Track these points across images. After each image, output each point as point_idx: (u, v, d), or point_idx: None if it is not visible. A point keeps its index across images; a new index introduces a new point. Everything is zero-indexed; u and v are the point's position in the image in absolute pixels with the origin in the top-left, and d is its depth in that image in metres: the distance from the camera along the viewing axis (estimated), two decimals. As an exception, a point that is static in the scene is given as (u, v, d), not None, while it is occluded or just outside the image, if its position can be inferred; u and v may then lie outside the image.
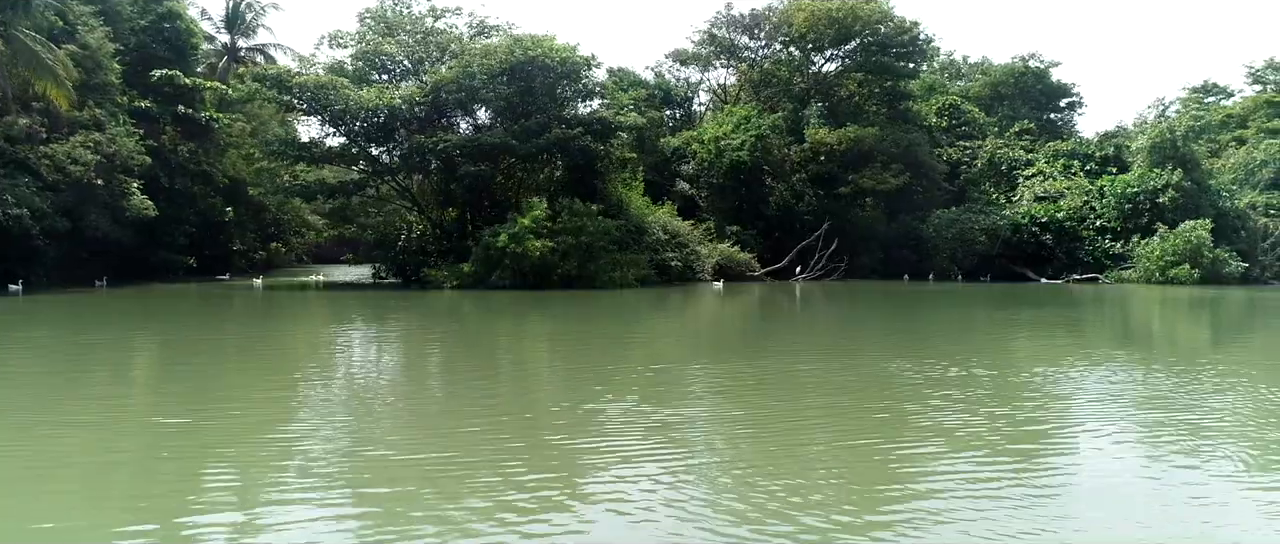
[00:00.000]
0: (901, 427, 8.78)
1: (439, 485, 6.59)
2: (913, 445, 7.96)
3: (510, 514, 5.88)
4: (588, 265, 32.27)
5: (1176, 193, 39.65)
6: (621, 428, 8.61)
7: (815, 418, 9.41)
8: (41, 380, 12.23)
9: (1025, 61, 58.92)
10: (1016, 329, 20.84)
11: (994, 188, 48.10)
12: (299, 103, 36.20)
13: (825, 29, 46.83)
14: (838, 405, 10.08)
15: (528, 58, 35.04)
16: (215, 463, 7.40)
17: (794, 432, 8.59)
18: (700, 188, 44.57)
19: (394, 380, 12.33)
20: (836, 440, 8.22)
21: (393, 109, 34.69)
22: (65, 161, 32.47)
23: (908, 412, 9.45)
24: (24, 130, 32.03)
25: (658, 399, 10.12)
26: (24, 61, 32.93)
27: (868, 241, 44.60)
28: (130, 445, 8.02)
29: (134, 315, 24.62)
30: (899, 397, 10.32)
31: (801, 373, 12.63)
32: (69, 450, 7.76)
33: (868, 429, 8.68)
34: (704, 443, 8.16)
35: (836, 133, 44.99)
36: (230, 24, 52.55)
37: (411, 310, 25.38)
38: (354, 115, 35.75)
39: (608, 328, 21.13)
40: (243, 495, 6.50)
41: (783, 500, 6.16)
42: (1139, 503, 6.19)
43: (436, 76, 35.04)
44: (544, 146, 34.87)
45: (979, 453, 7.63)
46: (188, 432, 8.48)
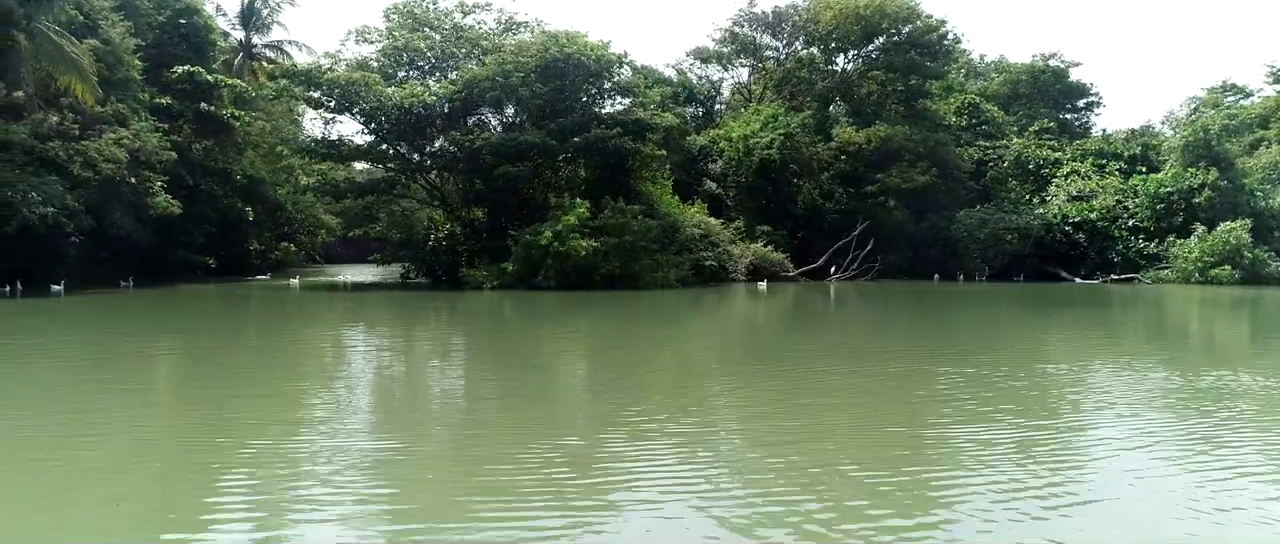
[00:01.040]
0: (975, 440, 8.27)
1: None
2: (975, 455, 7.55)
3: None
4: (630, 266, 31.68)
5: (1212, 192, 39.38)
6: (720, 433, 8.47)
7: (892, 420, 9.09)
8: (177, 393, 11.57)
9: (1045, 60, 58.65)
10: (1081, 331, 20.38)
11: (1020, 187, 47.76)
12: (328, 99, 35.42)
13: (851, 26, 46.39)
14: (923, 414, 9.53)
15: (564, 55, 34.44)
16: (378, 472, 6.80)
17: (878, 441, 8.23)
18: (727, 187, 44.04)
19: (509, 389, 11.73)
20: (914, 449, 7.81)
21: (426, 106, 33.99)
22: (97, 158, 31.63)
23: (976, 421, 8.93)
24: (54, 127, 31.17)
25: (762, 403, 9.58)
26: (47, 56, 32.10)
27: (896, 241, 44.18)
28: (304, 462, 7.40)
29: (197, 318, 23.81)
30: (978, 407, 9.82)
31: (895, 376, 12.08)
32: (226, 457, 7.27)
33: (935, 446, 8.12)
34: (776, 451, 7.75)
35: (865, 132, 44.57)
36: (245, 21, 51.70)
37: (472, 314, 24.72)
38: (383, 113, 35.03)
39: (673, 329, 20.58)
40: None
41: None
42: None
43: (470, 73, 34.31)
44: (581, 146, 34.25)
45: (1043, 466, 7.12)
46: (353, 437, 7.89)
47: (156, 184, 35.95)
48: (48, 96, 32.96)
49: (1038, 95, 58.32)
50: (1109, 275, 40.96)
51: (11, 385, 11.47)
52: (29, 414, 9.52)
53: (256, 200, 46.36)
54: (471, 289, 31.99)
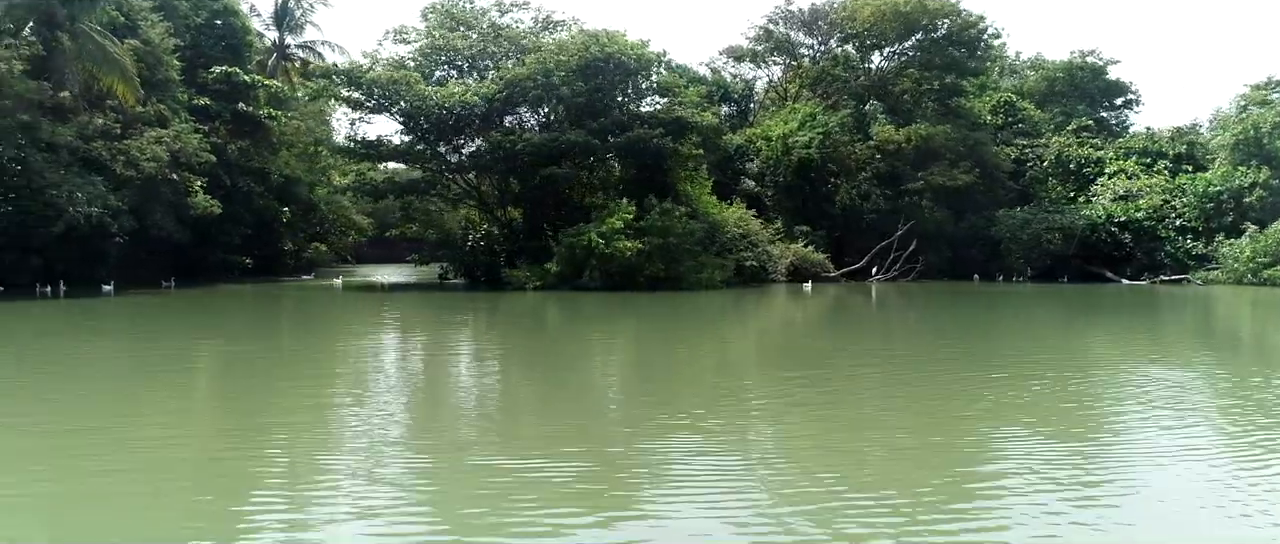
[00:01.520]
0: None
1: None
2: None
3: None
4: (674, 267, 31.32)
5: (1264, 192, 38.49)
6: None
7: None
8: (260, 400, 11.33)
9: (1083, 57, 57.67)
10: (1138, 334, 19.81)
11: (1061, 186, 46.95)
12: (367, 99, 35.27)
13: (890, 23, 45.76)
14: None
15: (605, 54, 34.12)
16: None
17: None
18: (765, 186, 43.55)
19: (598, 394, 11.40)
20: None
21: (466, 106, 33.76)
22: (139, 157, 31.64)
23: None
24: (99, 128, 31.19)
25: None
26: (90, 57, 32.13)
27: (935, 241, 43.54)
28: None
29: (267, 319, 23.77)
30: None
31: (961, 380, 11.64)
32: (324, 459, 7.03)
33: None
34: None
35: (905, 130, 43.93)
36: (279, 21, 51.74)
37: (524, 315, 24.46)
38: (423, 113, 34.82)
39: (735, 330, 20.19)
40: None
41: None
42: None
43: (511, 72, 34.01)
44: (623, 146, 33.90)
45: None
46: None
47: (196, 184, 35.97)
48: (91, 98, 33.02)
49: (1074, 93, 57.38)
50: (1157, 276, 40.13)
51: (160, 398, 11.17)
52: (168, 421, 9.34)
53: (291, 200, 46.34)
54: (513, 290, 31.73)
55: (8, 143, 28.92)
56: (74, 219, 29.24)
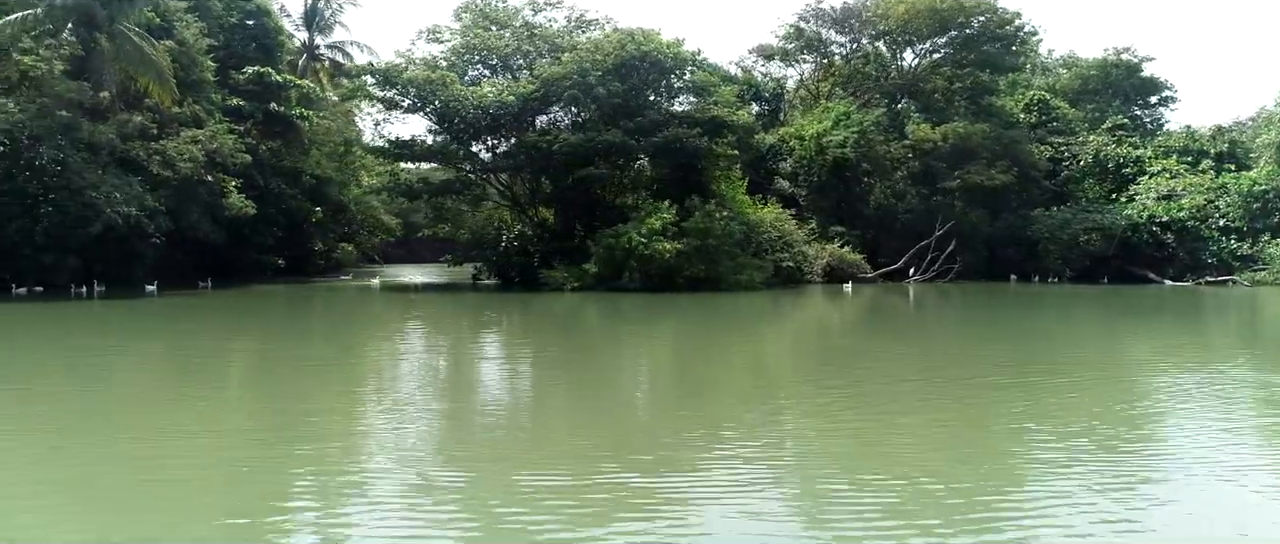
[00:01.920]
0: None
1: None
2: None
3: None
4: (713, 267, 30.95)
5: (1312, 191, 37.68)
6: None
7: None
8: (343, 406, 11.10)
9: (1118, 54, 56.79)
10: (1196, 338, 19.26)
11: (1098, 185, 46.14)
12: (402, 98, 35.14)
13: (924, 21, 45.17)
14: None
15: (641, 53, 33.82)
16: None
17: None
18: (799, 186, 43.06)
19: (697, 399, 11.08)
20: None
21: (504, 106, 33.54)
22: (175, 157, 31.63)
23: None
24: (137, 127, 31.20)
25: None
26: (128, 57, 32.17)
27: (971, 241, 42.90)
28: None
29: (322, 320, 23.71)
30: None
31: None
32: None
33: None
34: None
35: (941, 129, 43.30)
36: (309, 21, 51.84)
37: (567, 315, 24.20)
38: (459, 113, 34.63)
39: (784, 334, 19.81)
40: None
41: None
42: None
43: (547, 71, 33.75)
44: (659, 145, 33.54)
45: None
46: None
47: (230, 185, 35.96)
48: (127, 98, 33.07)
49: (1108, 91, 56.51)
50: (1201, 277, 39.33)
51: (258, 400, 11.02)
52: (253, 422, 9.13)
53: (322, 200, 46.30)
54: (551, 290, 31.48)
55: (48, 143, 28.97)
56: (112, 220, 29.25)
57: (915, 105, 47.79)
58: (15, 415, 9.83)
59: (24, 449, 8.21)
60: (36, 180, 28.91)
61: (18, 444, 8.39)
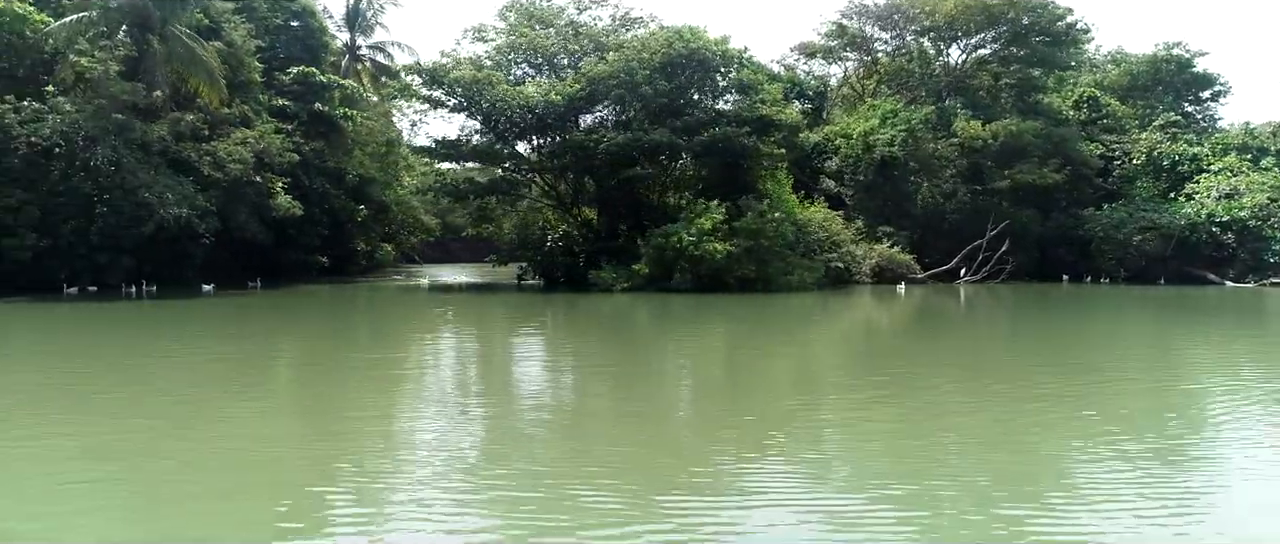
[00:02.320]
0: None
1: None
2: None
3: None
4: (764, 268, 30.50)
5: (1380, 190, 36.40)
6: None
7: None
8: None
9: (1168, 49, 55.36)
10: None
11: (1153, 184, 44.99)
12: (449, 98, 35.06)
13: (973, 17, 44.33)
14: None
15: (689, 51, 33.44)
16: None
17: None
18: (845, 185, 42.42)
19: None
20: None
21: (551, 105, 33.32)
22: (226, 159, 31.78)
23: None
24: (189, 127, 31.40)
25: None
26: (179, 58, 32.39)
27: (1022, 241, 42.00)
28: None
29: (395, 320, 23.57)
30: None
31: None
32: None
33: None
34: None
35: (991, 127, 42.42)
36: (350, 22, 52.07)
37: (619, 316, 23.88)
38: (507, 112, 34.47)
39: (850, 336, 19.32)
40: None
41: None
42: None
43: (593, 70, 33.47)
44: (707, 144, 33.11)
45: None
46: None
47: (278, 185, 36.08)
48: (178, 99, 33.29)
49: (1158, 87, 55.13)
50: (1264, 278, 38.16)
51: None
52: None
53: (365, 200, 46.43)
54: (599, 291, 31.19)
55: (103, 144, 29.21)
56: (165, 220, 29.43)
57: (961, 102, 46.90)
58: (143, 414, 9.71)
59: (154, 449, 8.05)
60: (92, 181, 29.16)
61: (184, 446, 8.23)
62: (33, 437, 8.76)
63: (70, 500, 6.64)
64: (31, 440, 8.62)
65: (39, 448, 8.33)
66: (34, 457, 7.98)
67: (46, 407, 10.37)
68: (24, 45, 30.76)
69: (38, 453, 8.14)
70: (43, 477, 7.29)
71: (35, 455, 8.04)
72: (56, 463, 7.72)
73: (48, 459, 7.87)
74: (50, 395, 11.13)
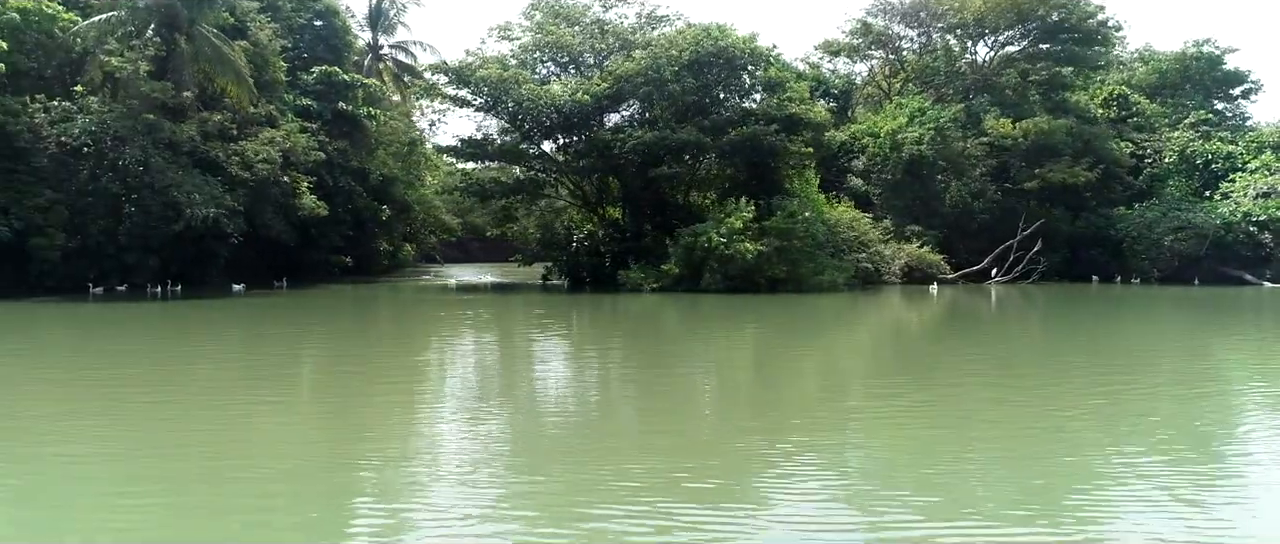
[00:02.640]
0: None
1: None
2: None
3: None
4: (795, 268, 30.10)
5: None
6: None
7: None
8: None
9: (1198, 46, 54.51)
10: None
11: (1185, 183, 44.24)
12: (475, 97, 34.83)
13: (1002, 14, 43.73)
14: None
15: (718, 49, 33.07)
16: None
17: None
18: (872, 184, 41.94)
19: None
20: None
21: (578, 104, 33.02)
22: (253, 159, 31.66)
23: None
24: (217, 127, 31.30)
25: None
26: (206, 58, 32.29)
27: (1052, 241, 41.35)
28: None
29: (419, 321, 23.33)
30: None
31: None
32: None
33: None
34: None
35: (1021, 125, 41.80)
36: (373, 22, 51.95)
37: (650, 316, 23.56)
38: (532, 111, 34.20)
39: (897, 340, 18.91)
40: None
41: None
42: None
43: (620, 68, 33.14)
44: (736, 142, 32.72)
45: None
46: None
47: (303, 185, 35.97)
48: (205, 99, 33.20)
49: (1187, 85, 54.29)
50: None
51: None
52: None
53: (388, 200, 46.31)
54: (628, 292, 30.87)
55: (132, 143, 29.14)
56: (192, 219, 29.34)
57: (990, 100, 46.34)
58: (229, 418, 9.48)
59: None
60: (120, 180, 29.10)
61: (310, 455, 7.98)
62: (101, 440, 8.55)
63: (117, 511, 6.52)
64: (98, 446, 8.40)
65: (106, 455, 8.11)
66: (104, 459, 7.76)
67: (119, 413, 10.15)
68: (52, 45, 30.75)
69: (105, 459, 7.91)
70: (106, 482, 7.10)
71: (104, 459, 7.81)
72: (100, 466, 7.49)
73: (111, 463, 7.65)
74: (124, 406, 10.91)
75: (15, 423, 9.47)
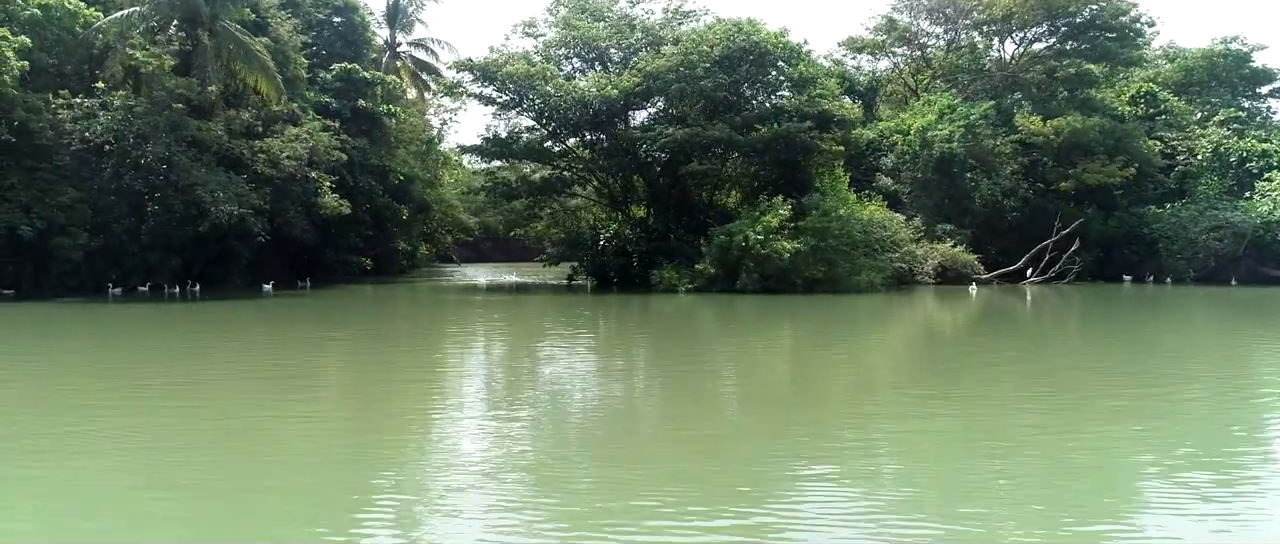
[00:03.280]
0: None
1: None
2: None
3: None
4: (832, 268, 29.39)
5: None
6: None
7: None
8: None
9: (1225, 43, 53.69)
10: None
11: (1219, 181, 43.42)
12: (500, 94, 34.18)
13: (1032, 11, 42.96)
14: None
15: (750, 44, 32.39)
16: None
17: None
18: (901, 182, 41.20)
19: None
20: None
21: (607, 100, 32.36)
22: (279, 156, 31.04)
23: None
24: (243, 124, 30.69)
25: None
26: (230, 54, 31.70)
27: (1083, 240, 40.57)
28: None
29: (464, 324, 22.51)
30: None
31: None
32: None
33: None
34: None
35: (1053, 123, 41.02)
36: (391, 19, 51.33)
37: (686, 316, 22.87)
38: (559, 108, 33.54)
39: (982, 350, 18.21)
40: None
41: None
42: None
43: (651, 64, 32.45)
44: (769, 139, 32.02)
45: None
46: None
47: (325, 184, 35.35)
48: (228, 96, 32.59)
49: (1213, 82, 53.47)
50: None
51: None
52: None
53: (407, 199, 45.70)
54: (661, 292, 30.18)
55: (155, 141, 28.54)
56: (218, 218, 28.74)
57: (1018, 97, 45.59)
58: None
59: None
60: (143, 179, 28.51)
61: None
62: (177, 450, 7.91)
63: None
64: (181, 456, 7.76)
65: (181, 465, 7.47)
66: (190, 467, 7.13)
67: (192, 432, 9.52)
68: (73, 42, 30.16)
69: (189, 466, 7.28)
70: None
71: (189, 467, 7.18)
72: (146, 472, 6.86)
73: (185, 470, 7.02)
74: (197, 424, 10.28)
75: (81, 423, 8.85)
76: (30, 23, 27.86)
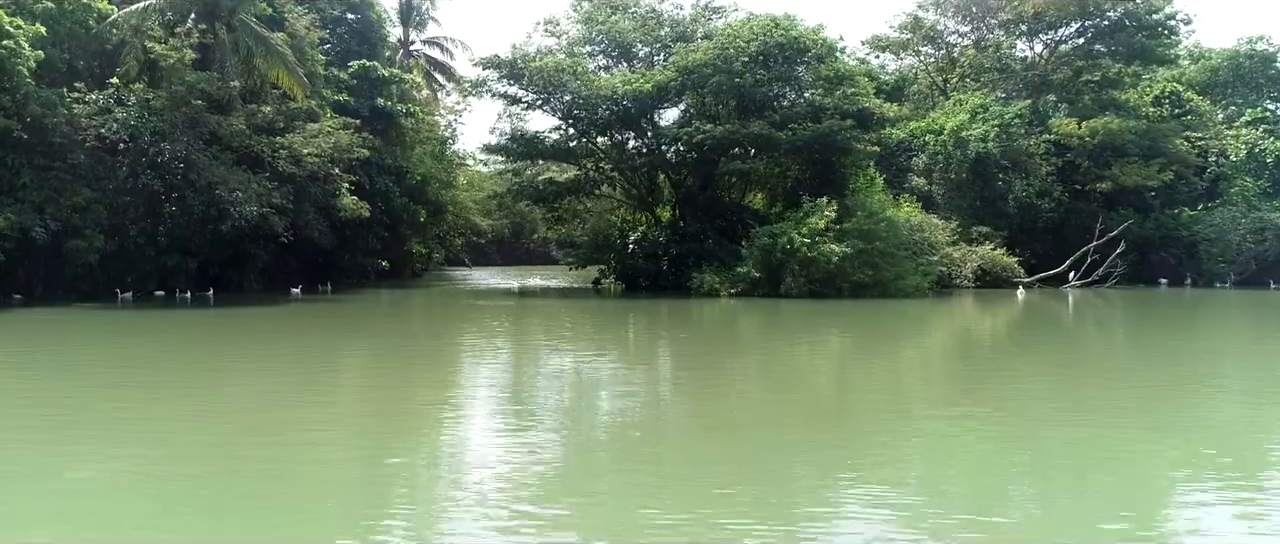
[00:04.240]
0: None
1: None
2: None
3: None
4: (879, 272, 28.30)
5: None
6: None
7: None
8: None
9: (1250, 44, 52.91)
10: None
11: (1254, 183, 42.52)
12: (525, 93, 33.03)
13: (1064, 8, 42.02)
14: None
15: (789, 39, 31.32)
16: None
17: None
18: (934, 183, 40.18)
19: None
20: None
21: (638, 95, 31.22)
22: (301, 154, 29.81)
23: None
24: (265, 120, 29.46)
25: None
26: (249, 49, 30.52)
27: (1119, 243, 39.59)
28: None
29: (506, 331, 21.13)
30: None
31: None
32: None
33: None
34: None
35: (1088, 124, 40.07)
36: (404, 17, 50.19)
37: (728, 322, 21.73)
38: (587, 105, 32.40)
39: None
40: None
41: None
42: None
43: (686, 59, 31.30)
44: (809, 138, 30.87)
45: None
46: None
47: (344, 184, 34.10)
48: (245, 93, 31.37)
49: (1238, 83, 52.69)
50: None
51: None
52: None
53: (423, 201, 44.45)
54: (701, 296, 29.03)
55: (172, 139, 27.31)
56: (238, 218, 27.51)
57: (1054, 99, 44.71)
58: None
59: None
60: (160, 178, 27.26)
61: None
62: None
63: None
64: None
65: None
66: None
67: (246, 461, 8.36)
68: (86, 36, 28.92)
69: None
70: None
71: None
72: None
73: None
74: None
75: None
76: (44, 16, 26.61)
